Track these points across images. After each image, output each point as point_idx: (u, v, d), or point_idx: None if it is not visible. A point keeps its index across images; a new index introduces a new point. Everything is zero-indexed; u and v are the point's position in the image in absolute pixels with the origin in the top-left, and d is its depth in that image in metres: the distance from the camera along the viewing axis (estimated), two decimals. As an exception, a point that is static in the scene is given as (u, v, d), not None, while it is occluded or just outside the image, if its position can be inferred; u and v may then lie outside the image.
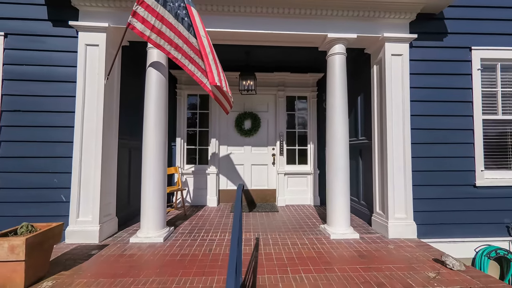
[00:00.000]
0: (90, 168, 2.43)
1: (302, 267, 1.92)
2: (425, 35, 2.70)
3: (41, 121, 2.45)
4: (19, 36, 2.46)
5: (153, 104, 2.49)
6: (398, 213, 2.58)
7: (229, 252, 1.11)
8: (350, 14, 2.61)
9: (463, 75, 2.71)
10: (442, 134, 2.68)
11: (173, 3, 2.11)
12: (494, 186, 2.68)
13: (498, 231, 2.65)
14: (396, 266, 1.94)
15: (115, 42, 2.62)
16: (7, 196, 2.39)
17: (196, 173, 4.09)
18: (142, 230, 2.46)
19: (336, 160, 2.62)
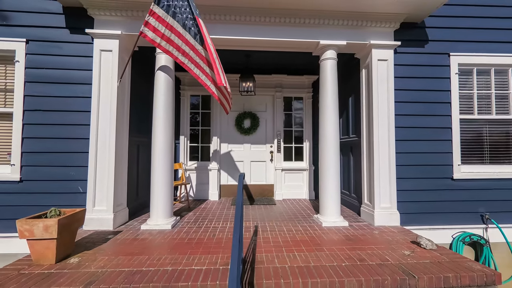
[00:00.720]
0: (105, 162, 2.68)
1: (295, 248, 2.19)
2: (408, 42, 2.98)
3: (59, 119, 2.70)
4: (39, 42, 2.71)
5: (161, 104, 2.74)
6: (383, 203, 2.86)
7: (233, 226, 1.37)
8: (341, 23, 2.88)
9: (442, 79, 2.99)
10: (423, 132, 2.96)
11: (181, 14, 2.36)
12: (470, 179, 2.96)
13: (473, 219, 2.94)
14: (378, 247, 2.22)
15: (126, 47, 2.88)
16: (29, 188, 2.63)
17: (198, 169, 4.35)
18: (152, 218, 2.71)
19: (327, 157, 2.89)
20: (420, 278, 1.70)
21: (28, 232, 1.77)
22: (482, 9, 3.02)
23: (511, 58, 3.03)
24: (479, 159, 3.09)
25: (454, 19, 3.01)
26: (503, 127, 3.13)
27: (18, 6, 2.69)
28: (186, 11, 2.35)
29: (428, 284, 1.70)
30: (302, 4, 2.66)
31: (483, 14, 3.02)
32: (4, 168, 2.69)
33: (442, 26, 3.00)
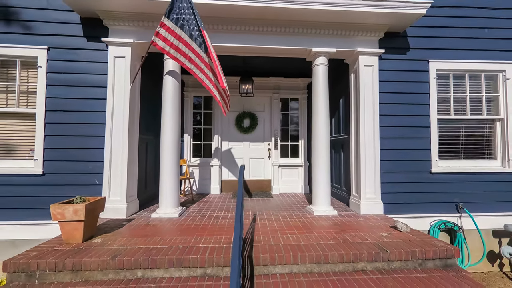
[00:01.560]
0: (118, 158, 2.99)
1: (289, 231, 2.51)
2: (391, 49, 3.31)
3: (77, 119, 3.00)
4: (59, 49, 3.00)
5: (169, 105, 3.05)
6: (368, 194, 3.19)
7: (235, 211, 1.69)
8: (331, 33, 3.20)
9: (422, 83, 3.32)
10: (405, 131, 3.29)
11: (188, 26, 2.67)
12: (446, 173, 3.30)
13: (449, 209, 3.28)
14: (360, 230, 2.54)
15: (137, 54, 3.19)
16: (51, 180, 2.93)
17: (201, 165, 4.66)
18: (161, 207, 3.02)
19: (318, 154, 3.21)
20: (391, 252, 2.03)
21: (60, 215, 2.07)
22: (458, 20, 3.35)
23: (484, 64, 3.36)
24: (456, 155, 3.43)
25: (433, 29, 3.34)
26: (477, 126, 3.47)
27: (41, 16, 2.98)
28: (193, 24, 2.66)
29: (398, 257, 2.03)
30: (296, 15, 2.98)
31: (459, 24, 3.35)
32: (28, 162, 2.98)
33: (422, 35, 3.33)
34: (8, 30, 2.95)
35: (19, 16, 2.97)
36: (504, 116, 3.38)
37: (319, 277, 1.91)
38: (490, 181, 3.33)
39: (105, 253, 1.95)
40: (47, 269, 1.83)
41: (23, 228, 2.90)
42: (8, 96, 3.05)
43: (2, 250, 2.84)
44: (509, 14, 3.41)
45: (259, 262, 1.95)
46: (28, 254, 1.94)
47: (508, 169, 3.34)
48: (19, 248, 2.85)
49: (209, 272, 1.92)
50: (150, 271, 1.89)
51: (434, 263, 2.07)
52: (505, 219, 3.27)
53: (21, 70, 3.03)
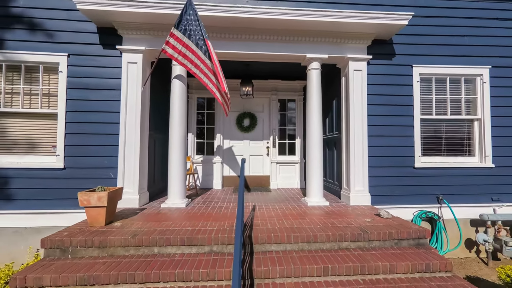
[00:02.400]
0: (131, 153, 3.31)
1: (284, 218, 2.84)
2: (378, 55, 3.64)
3: (95, 118, 3.32)
4: (78, 56, 3.33)
5: (177, 106, 3.37)
6: (357, 187, 3.52)
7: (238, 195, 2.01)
8: (323, 40, 3.53)
9: (406, 86, 3.65)
10: (390, 129, 3.62)
11: (195, 36, 2.99)
12: (428, 168, 3.63)
13: (430, 200, 3.61)
14: (348, 217, 2.87)
15: (148, 59, 3.52)
16: (71, 174, 3.26)
17: (204, 162, 4.99)
18: (170, 198, 3.35)
19: (312, 151, 3.54)
20: (371, 233, 2.36)
21: (86, 201, 2.40)
22: (439, 28, 3.68)
23: (463, 69, 3.69)
24: (438, 151, 3.76)
25: (416, 37, 3.67)
26: (457, 125, 3.79)
27: (61, 26, 3.31)
28: (199, 34, 2.98)
29: (377, 237, 2.36)
30: (291, 25, 3.31)
31: (440, 33, 3.68)
32: (50, 158, 3.31)
33: (406, 42, 3.66)
34: (33, 39, 3.28)
35: (42, 26, 3.30)
36: (481, 116, 3.71)
37: (309, 253, 2.24)
38: (468, 175, 3.66)
39: (125, 233, 2.28)
40: (78, 245, 2.16)
41: (45, 216, 3.23)
42: (31, 98, 3.38)
43: (27, 236, 3.17)
44: (485, 23, 3.74)
45: (258, 241, 2.28)
46: (61, 233, 2.27)
47: (485, 164, 3.66)
48: (42, 234, 3.16)
49: (215, 249, 2.25)
50: (165, 248, 2.22)
51: (408, 243, 2.40)
52: (481, 210, 3.59)
53: (43, 74, 3.36)
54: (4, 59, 3.25)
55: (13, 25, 3.28)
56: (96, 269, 1.94)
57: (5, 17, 3.27)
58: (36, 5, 3.30)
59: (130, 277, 1.90)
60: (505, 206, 3.60)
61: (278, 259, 2.12)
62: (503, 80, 3.71)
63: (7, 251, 3.12)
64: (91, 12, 3.04)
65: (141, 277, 1.90)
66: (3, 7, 3.27)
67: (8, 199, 3.20)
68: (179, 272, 1.92)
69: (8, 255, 3.11)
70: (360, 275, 2.04)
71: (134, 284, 1.90)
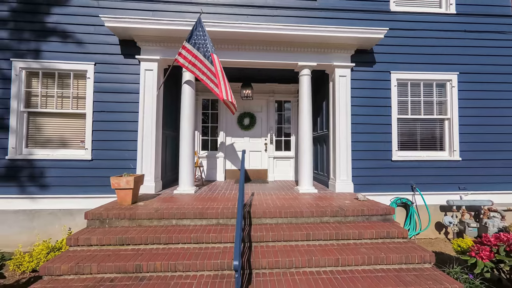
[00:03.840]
0: (148, 147, 3.88)
1: (278, 200, 3.41)
2: (361, 63, 4.19)
3: (117, 117, 3.90)
4: (103, 64, 3.90)
5: (187, 107, 3.94)
6: (342, 176, 4.07)
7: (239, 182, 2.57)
8: (313, 50, 4.08)
9: (385, 89, 4.20)
10: (371, 127, 4.17)
11: (203, 48, 3.55)
12: (404, 161, 4.18)
13: (405, 189, 4.16)
14: (331, 200, 3.43)
15: (162, 67, 4.09)
16: (98, 164, 3.83)
17: (208, 157, 5.56)
18: (180, 186, 3.92)
19: (303, 147, 4.09)
20: (347, 210, 2.93)
21: (116, 184, 2.98)
22: (413, 40, 4.23)
23: (435, 75, 4.24)
24: (413, 146, 4.31)
25: (394, 47, 4.22)
26: (429, 124, 4.35)
27: (89, 39, 3.88)
28: (206, 47, 3.53)
29: (352, 213, 2.92)
30: (285, 38, 3.87)
31: (415, 44, 4.23)
32: (79, 151, 3.89)
33: (385, 52, 4.22)
34: (65, 50, 3.86)
35: (73, 39, 3.87)
36: (450, 116, 4.27)
37: (296, 225, 2.80)
38: (439, 167, 4.21)
39: (149, 209, 2.86)
40: (113, 217, 2.74)
41: (75, 200, 3.81)
42: (63, 100, 3.95)
43: (62, 216, 3.75)
44: (454, 35, 4.29)
45: (255, 216, 2.85)
46: (99, 209, 2.85)
47: (453, 158, 4.22)
48: (73, 216, 3.76)
49: (221, 222, 2.82)
50: (181, 220, 2.79)
51: (377, 218, 2.96)
52: (450, 197, 4.15)
53: (73, 80, 3.93)
54: (41, 67, 3.83)
55: (48, 38, 3.86)
56: (129, 233, 2.52)
57: (41, 31, 3.85)
58: (68, 21, 3.88)
59: (156, 239, 2.47)
60: (470, 194, 4.15)
61: (271, 228, 2.69)
62: (469, 85, 4.27)
63: (44, 230, 3.70)
64: (116, 28, 3.62)
65: (164, 239, 2.47)
66: (40, 23, 3.85)
67: (44, 185, 3.78)
68: (193, 236, 2.49)
69: (45, 232, 3.69)
70: (335, 240, 2.61)
71: (159, 244, 2.47)
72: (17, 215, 3.69)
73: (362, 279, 2.12)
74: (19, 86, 3.78)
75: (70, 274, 2.13)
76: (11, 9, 3.82)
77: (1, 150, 3.71)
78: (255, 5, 4.19)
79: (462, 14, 4.30)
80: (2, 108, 3.73)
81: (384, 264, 2.33)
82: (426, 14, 4.30)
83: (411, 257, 2.34)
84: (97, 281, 2.08)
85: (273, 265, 2.25)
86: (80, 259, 2.23)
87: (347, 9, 4.24)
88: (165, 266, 2.18)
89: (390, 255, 2.34)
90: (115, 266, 2.16)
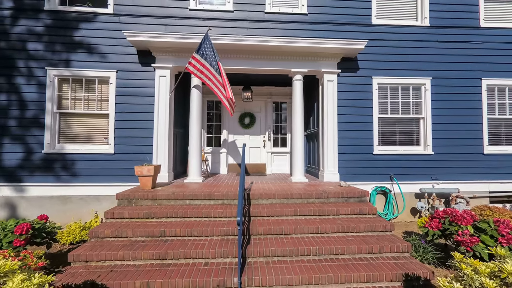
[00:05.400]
0: (162, 143, 4.52)
1: (273, 187, 4.04)
2: (346, 69, 4.81)
3: (135, 117, 4.54)
4: (123, 71, 4.54)
5: (195, 108, 4.58)
6: (330, 168, 4.70)
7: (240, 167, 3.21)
8: (304, 59, 4.71)
9: (367, 92, 4.82)
10: (355, 125, 4.79)
11: (209, 58, 4.18)
12: (384, 154, 4.80)
13: (385, 179, 4.78)
14: (318, 186, 4.06)
15: (174, 73, 4.73)
16: (119, 157, 4.48)
17: (213, 152, 6.20)
18: (190, 176, 4.56)
19: (296, 143, 4.71)
20: (329, 193, 3.56)
21: (139, 171, 3.62)
22: (392, 49, 4.84)
23: (411, 79, 4.85)
24: (392, 142, 4.93)
25: (375, 55, 4.84)
26: (407, 122, 4.96)
27: (111, 50, 4.52)
28: (212, 57, 4.17)
29: (333, 196, 3.56)
30: (280, 49, 4.49)
31: (393, 52, 4.85)
32: (104, 146, 4.53)
33: (367, 60, 4.83)
34: (91, 60, 4.50)
35: (97, 50, 4.52)
36: (425, 115, 4.88)
37: (286, 204, 3.44)
38: (415, 160, 4.83)
39: (167, 192, 3.50)
40: (139, 198, 3.38)
41: (101, 188, 4.45)
42: (89, 102, 4.60)
43: (90, 201, 4.40)
44: (428, 44, 4.90)
45: (254, 197, 3.49)
46: (127, 191, 3.50)
47: (427, 152, 4.83)
48: (100, 201, 4.41)
49: (226, 202, 3.46)
50: (193, 200, 3.43)
51: (354, 199, 3.59)
52: (424, 186, 4.76)
53: (98, 85, 4.58)
54: (70, 74, 4.48)
55: (77, 49, 4.51)
56: (153, 210, 3.16)
57: (71, 43, 4.50)
58: (93, 35, 4.52)
59: (175, 214, 3.11)
60: (441, 183, 4.76)
61: (266, 206, 3.32)
62: (441, 88, 4.88)
63: (75, 213, 4.35)
64: (136, 41, 4.26)
65: (181, 214, 3.11)
66: (70, 36, 4.50)
67: (74, 175, 4.43)
68: (204, 211, 3.14)
69: (76, 215, 4.34)
70: (317, 216, 3.24)
71: (177, 218, 3.11)
72: (52, 200, 4.35)
73: (336, 241, 2.76)
74: (53, 91, 4.43)
75: (111, 237, 2.78)
76: (45, 25, 4.47)
77: (38, 145, 4.36)
78: (254, 19, 4.82)
79: (435, 26, 4.92)
80: (39, 110, 4.39)
81: (355, 231, 2.96)
82: (403, 27, 4.92)
83: (375, 227, 2.97)
84: (132, 242, 2.73)
85: (267, 232, 2.88)
86: (117, 227, 2.87)
87: (335, 22, 4.86)
88: (183, 232, 2.82)
89: (360, 225, 2.98)
90: (144, 231, 2.80)
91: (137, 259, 2.50)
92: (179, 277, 2.24)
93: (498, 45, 4.95)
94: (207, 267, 2.42)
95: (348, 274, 2.31)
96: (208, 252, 2.55)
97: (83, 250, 2.54)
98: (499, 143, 4.94)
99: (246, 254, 2.59)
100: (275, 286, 2.26)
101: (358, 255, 2.64)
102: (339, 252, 2.62)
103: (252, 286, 2.25)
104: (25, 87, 4.40)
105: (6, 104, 4.34)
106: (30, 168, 4.34)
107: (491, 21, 5.02)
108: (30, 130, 4.38)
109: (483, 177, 4.84)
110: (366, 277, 2.31)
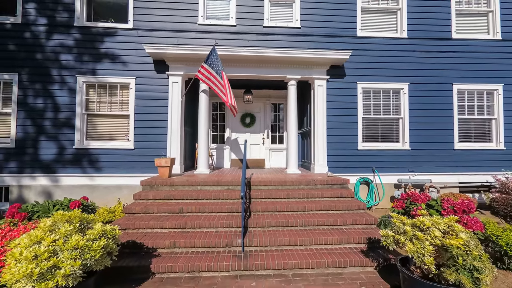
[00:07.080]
0: (174, 139, 5.25)
1: (270, 177, 4.76)
2: (335, 76, 5.52)
3: (152, 117, 5.27)
4: (141, 78, 5.27)
5: (203, 110, 5.29)
6: (320, 161, 5.42)
7: (242, 159, 3.93)
8: (298, 66, 5.42)
9: (353, 95, 5.53)
10: (342, 124, 5.50)
11: (215, 67, 4.90)
12: (367, 150, 5.51)
13: (368, 171, 5.49)
14: (308, 176, 4.78)
15: (185, 79, 5.45)
16: (138, 152, 5.21)
17: (217, 149, 6.93)
18: (199, 168, 5.28)
19: (290, 140, 5.43)
20: (317, 181, 4.28)
21: (158, 163, 4.35)
22: (375, 58, 5.55)
23: (391, 84, 5.55)
24: (374, 139, 5.64)
25: (359, 63, 5.54)
26: (388, 121, 5.67)
27: (131, 60, 5.25)
28: (218, 66, 4.88)
29: (320, 183, 4.28)
30: (276, 59, 5.21)
31: (375, 60, 5.55)
32: (125, 142, 5.27)
33: (353, 67, 5.54)
34: (113, 68, 5.23)
35: (119, 60, 5.25)
36: (403, 116, 5.58)
37: (281, 189, 4.16)
38: (394, 154, 5.53)
39: (182, 180, 4.23)
40: (159, 184, 4.12)
41: (122, 178, 5.19)
42: (112, 105, 5.34)
43: (113, 190, 5.14)
44: (406, 54, 5.60)
45: (254, 184, 4.22)
46: (148, 179, 4.24)
47: (405, 147, 5.54)
48: (121, 189, 5.15)
49: (231, 188, 4.19)
50: (203, 186, 4.16)
51: (337, 186, 4.31)
52: (402, 177, 5.47)
53: (120, 90, 5.31)
54: (96, 81, 5.21)
55: (102, 59, 5.24)
56: (171, 193, 3.89)
57: (96, 54, 5.23)
58: (115, 47, 5.25)
59: (190, 196, 3.85)
60: (416, 175, 5.47)
61: (264, 191, 4.05)
62: (417, 92, 5.58)
63: (101, 199, 5.09)
64: (153, 53, 4.99)
65: (195, 196, 3.85)
66: (96, 48, 5.23)
67: (100, 167, 5.17)
68: (213, 194, 3.87)
69: (102, 201, 5.08)
70: (306, 198, 3.96)
71: (191, 199, 3.84)
72: (82, 189, 5.09)
73: (319, 216, 3.48)
74: (81, 95, 5.17)
75: (141, 213, 3.51)
76: (75, 39, 5.21)
77: (70, 142, 5.11)
78: (254, 32, 5.54)
79: (412, 38, 5.61)
80: (70, 111, 5.13)
81: (335, 210, 3.68)
82: (384, 38, 5.62)
83: (352, 206, 3.70)
84: (157, 216, 3.46)
85: (264, 209, 3.61)
86: (145, 206, 3.61)
87: (324, 34, 5.57)
88: (197, 209, 3.56)
89: (339, 205, 3.70)
90: (167, 208, 3.54)
91: (163, 228, 3.23)
92: (197, 239, 2.97)
93: (468, 54, 5.65)
94: (218, 233, 3.15)
95: (325, 238, 3.03)
96: (218, 223, 3.28)
97: (121, 221, 3.28)
98: (468, 140, 5.65)
99: (247, 225, 3.32)
100: (269, 245, 2.98)
101: (335, 226, 3.36)
102: (320, 223, 3.35)
103: (252, 246, 2.98)
104: (58, 92, 5.14)
105: (43, 107, 5.09)
106: (63, 162, 5.09)
107: (462, 32, 5.72)
108: (62, 129, 5.12)
109: (453, 170, 5.54)
110: (339, 240, 3.04)
